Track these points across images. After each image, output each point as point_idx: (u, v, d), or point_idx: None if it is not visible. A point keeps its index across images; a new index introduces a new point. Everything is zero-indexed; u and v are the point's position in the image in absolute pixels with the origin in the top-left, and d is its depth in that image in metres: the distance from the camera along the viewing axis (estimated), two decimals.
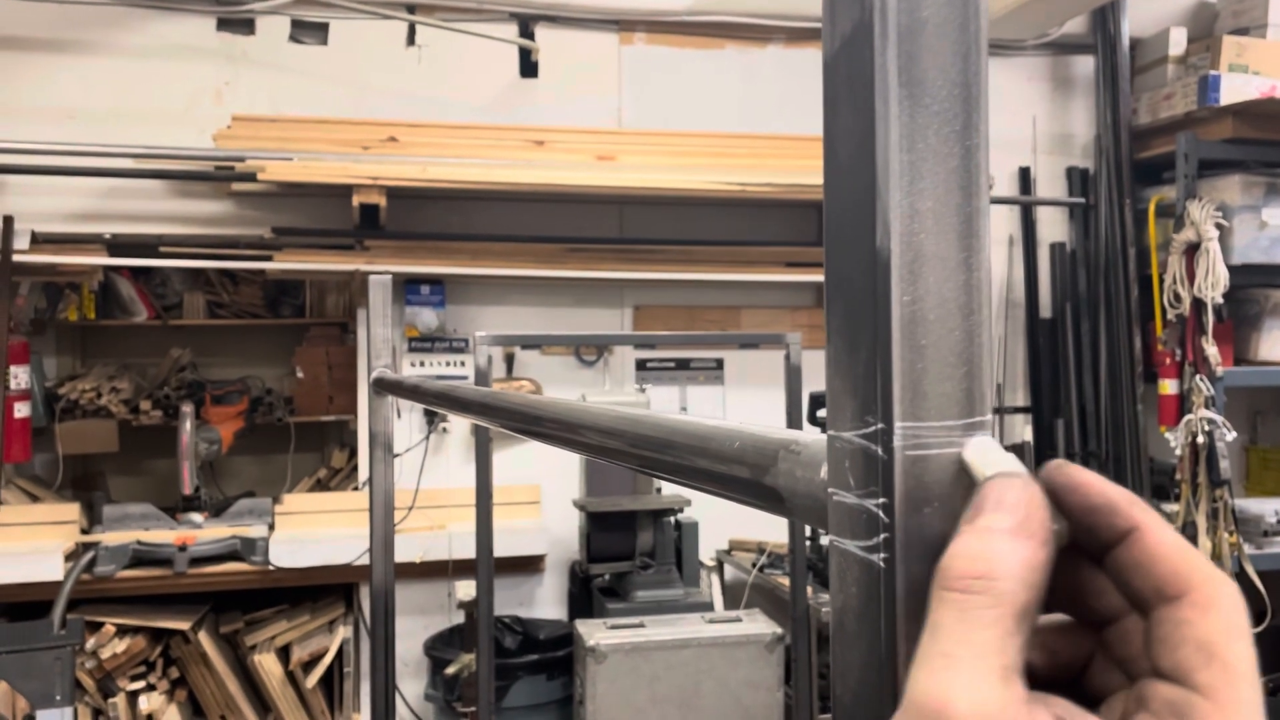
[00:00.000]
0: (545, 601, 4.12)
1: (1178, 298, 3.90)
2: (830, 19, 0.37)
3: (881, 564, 0.35)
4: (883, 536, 0.35)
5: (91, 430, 4.35)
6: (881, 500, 0.35)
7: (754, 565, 3.88)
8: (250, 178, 3.67)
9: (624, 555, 3.64)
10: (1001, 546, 0.32)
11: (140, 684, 3.59)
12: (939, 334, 0.35)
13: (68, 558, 3.52)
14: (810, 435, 0.44)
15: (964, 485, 0.35)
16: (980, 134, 0.36)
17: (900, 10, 0.34)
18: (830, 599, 0.38)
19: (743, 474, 0.48)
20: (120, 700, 3.52)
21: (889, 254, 0.35)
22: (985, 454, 0.35)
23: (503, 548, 3.37)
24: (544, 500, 4.06)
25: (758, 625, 3.25)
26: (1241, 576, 3.75)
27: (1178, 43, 4.43)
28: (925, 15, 0.35)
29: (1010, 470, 0.34)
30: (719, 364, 4.33)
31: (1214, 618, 0.33)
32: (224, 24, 3.97)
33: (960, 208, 0.35)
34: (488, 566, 2.71)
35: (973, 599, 0.32)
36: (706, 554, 3.98)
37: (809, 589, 3.39)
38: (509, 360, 4.14)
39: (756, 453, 0.47)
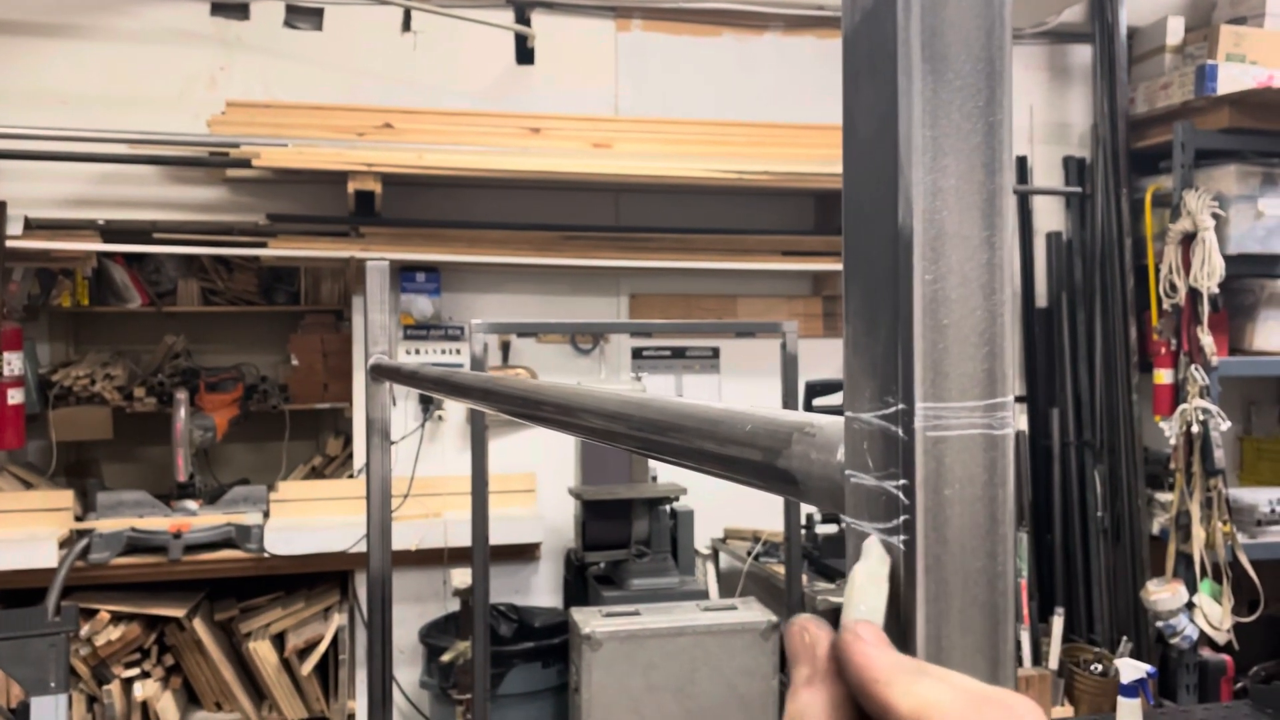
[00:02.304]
0: (540, 589, 4.12)
1: (1173, 287, 3.90)
2: None
3: (902, 546, 0.35)
4: (903, 519, 0.35)
5: (85, 417, 4.33)
6: (902, 482, 0.35)
7: (749, 553, 3.89)
8: (245, 164, 3.65)
9: (619, 543, 3.64)
10: (805, 699, 0.35)
11: (135, 671, 3.59)
12: (961, 313, 0.35)
13: (62, 545, 3.51)
14: (825, 418, 0.44)
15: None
16: (1004, 110, 0.35)
17: None
18: (847, 581, 0.38)
19: (755, 457, 0.48)
20: (115, 687, 3.52)
21: (911, 232, 0.34)
22: (863, 569, 0.36)
23: (498, 535, 3.37)
24: (539, 488, 4.06)
25: (753, 613, 3.26)
26: (1235, 566, 3.76)
27: (1175, 32, 4.42)
28: None
29: (802, 616, 0.37)
30: (715, 352, 4.33)
31: None
32: (218, 9, 3.95)
33: (983, 185, 0.35)
34: (483, 554, 2.71)
35: None
36: (702, 542, 3.98)
37: (804, 577, 3.40)
38: (504, 348, 4.13)
39: (770, 436, 0.47)
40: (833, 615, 0.36)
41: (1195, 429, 3.78)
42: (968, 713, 0.31)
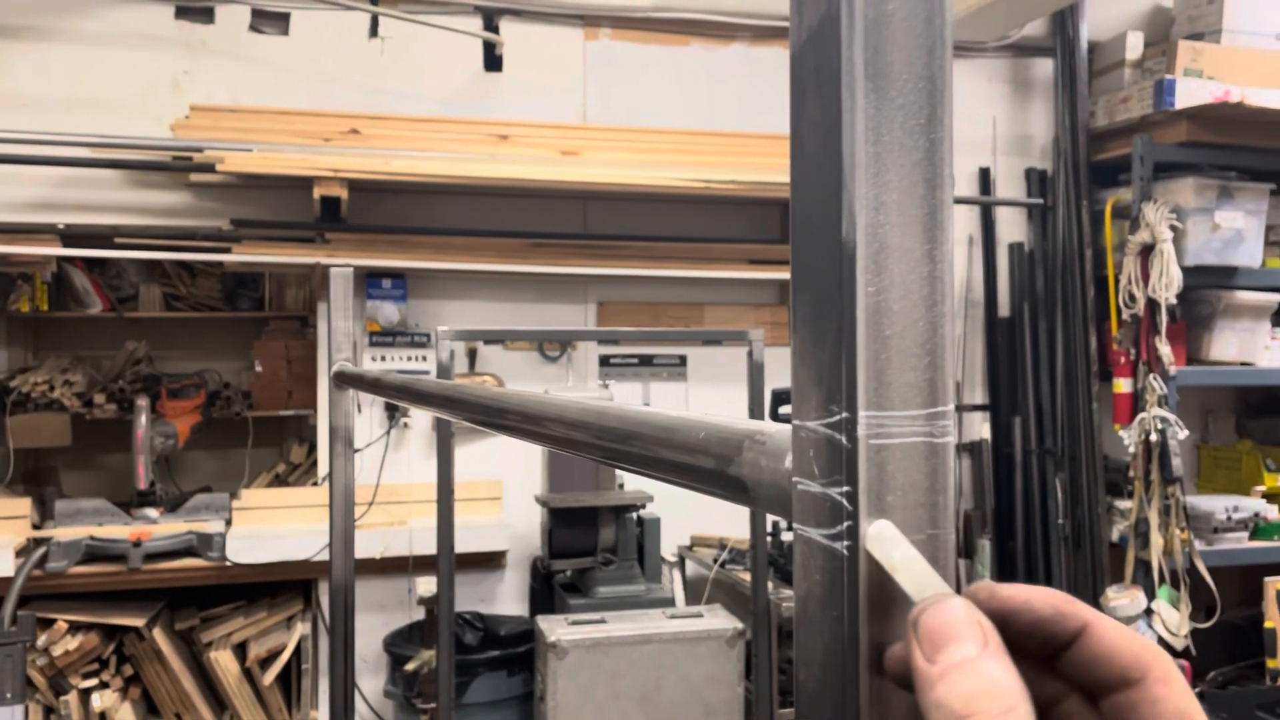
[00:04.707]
0: (506, 598, 4.11)
1: (1132, 298, 3.96)
2: (798, 11, 0.37)
3: (845, 551, 0.36)
4: (846, 525, 0.36)
5: (43, 424, 4.27)
6: (845, 489, 0.36)
7: (715, 561, 3.90)
8: (209, 169, 3.62)
9: (586, 551, 3.63)
10: (995, 673, 0.32)
11: (93, 682, 3.53)
12: (903, 325, 0.36)
13: (19, 553, 3.46)
14: (775, 426, 0.45)
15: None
16: (944, 127, 0.36)
17: (867, 3, 0.35)
18: (794, 587, 0.38)
19: (708, 464, 0.48)
20: (73, 698, 3.46)
21: (854, 246, 0.35)
22: (891, 547, 0.35)
23: (464, 543, 3.36)
24: (506, 496, 4.05)
25: (719, 620, 3.27)
26: (1193, 572, 3.82)
27: (1134, 47, 4.50)
28: (891, 9, 0.35)
29: (939, 591, 0.34)
30: (682, 360, 4.34)
31: (1179, 688, 0.37)
32: (182, 12, 3.91)
33: (924, 200, 0.36)
34: (449, 562, 2.70)
35: None
36: (668, 550, 3.99)
37: (770, 584, 3.42)
38: (471, 356, 4.12)
39: (721, 443, 0.47)
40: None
41: (1154, 437, 3.84)
42: None
